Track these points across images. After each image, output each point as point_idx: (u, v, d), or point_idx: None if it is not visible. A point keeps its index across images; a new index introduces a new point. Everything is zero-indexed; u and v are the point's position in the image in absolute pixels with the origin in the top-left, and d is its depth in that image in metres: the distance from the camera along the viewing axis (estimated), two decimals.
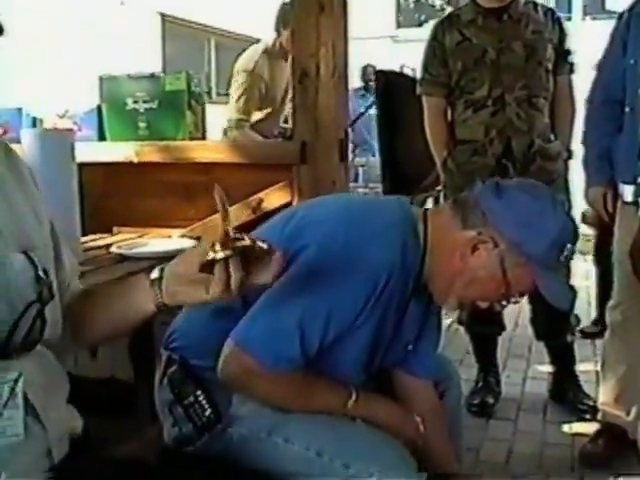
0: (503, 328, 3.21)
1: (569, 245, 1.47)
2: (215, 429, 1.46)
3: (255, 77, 3.99)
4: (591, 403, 2.97)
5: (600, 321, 3.95)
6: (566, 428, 2.91)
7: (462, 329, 3.44)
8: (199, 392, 1.47)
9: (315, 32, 2.53)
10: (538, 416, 3.02)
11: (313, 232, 1.46)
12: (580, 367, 3.23)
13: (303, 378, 1.47)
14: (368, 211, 1.55)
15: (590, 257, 4.25)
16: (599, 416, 2.71)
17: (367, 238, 1.44)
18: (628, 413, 2.60)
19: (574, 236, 1.50)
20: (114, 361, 2.40)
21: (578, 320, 3.21)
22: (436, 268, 1.51)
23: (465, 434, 2.76)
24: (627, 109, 2.45)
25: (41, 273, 1.07)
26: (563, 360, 3.17)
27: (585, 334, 3.93)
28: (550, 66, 2.93)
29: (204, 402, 1.46)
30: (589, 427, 2.79)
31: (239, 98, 3.98)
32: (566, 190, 2.96)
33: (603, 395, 2.67)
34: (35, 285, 1.06)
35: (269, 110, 4.06)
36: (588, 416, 2.93)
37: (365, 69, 8.57)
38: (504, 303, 1.55)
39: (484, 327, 3.15)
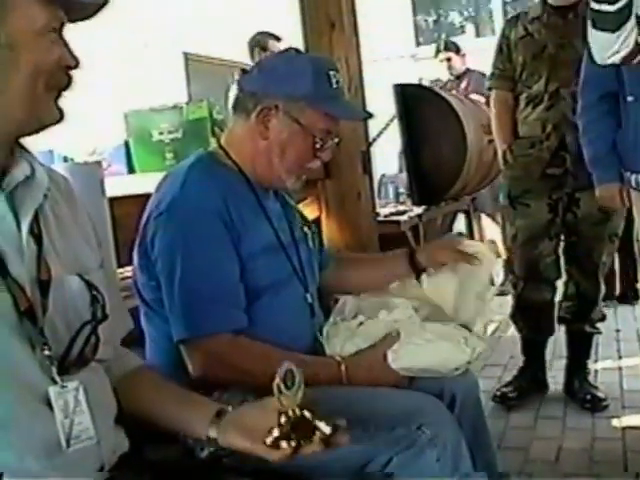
0: (552, 332, 3.20)
1: (332, 72, 1.61)
2: None
3: None
4: (601, 395, 3.02)
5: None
6: (615, 422, 2.87)
7: (504, 336, 3.46)
8: None
9: (328, 49, 2.59)
10: (586, 412, 2.99)
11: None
12: None
13: (263, 346, 1.57)
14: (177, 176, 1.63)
15: None
16: None
17: (189, 197, 1.57)
18: None
19: (331, 63, 1.67)
20: None
21: (604, 316, 3.17)
22: (255, 166, 1.65)
23: (512, 434, 2.78)
24: (630, 98, 2.39)
25: (95, 294, 1.13)
26: (578, 350, 3.17)
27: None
28: None
29: None
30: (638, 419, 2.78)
31: None
32: None
33: None
34: (90, 305, 1.12)
35: None
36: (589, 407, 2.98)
37: None
38: (323, 150, 1.67)
39: (535, 333, 3.18)
